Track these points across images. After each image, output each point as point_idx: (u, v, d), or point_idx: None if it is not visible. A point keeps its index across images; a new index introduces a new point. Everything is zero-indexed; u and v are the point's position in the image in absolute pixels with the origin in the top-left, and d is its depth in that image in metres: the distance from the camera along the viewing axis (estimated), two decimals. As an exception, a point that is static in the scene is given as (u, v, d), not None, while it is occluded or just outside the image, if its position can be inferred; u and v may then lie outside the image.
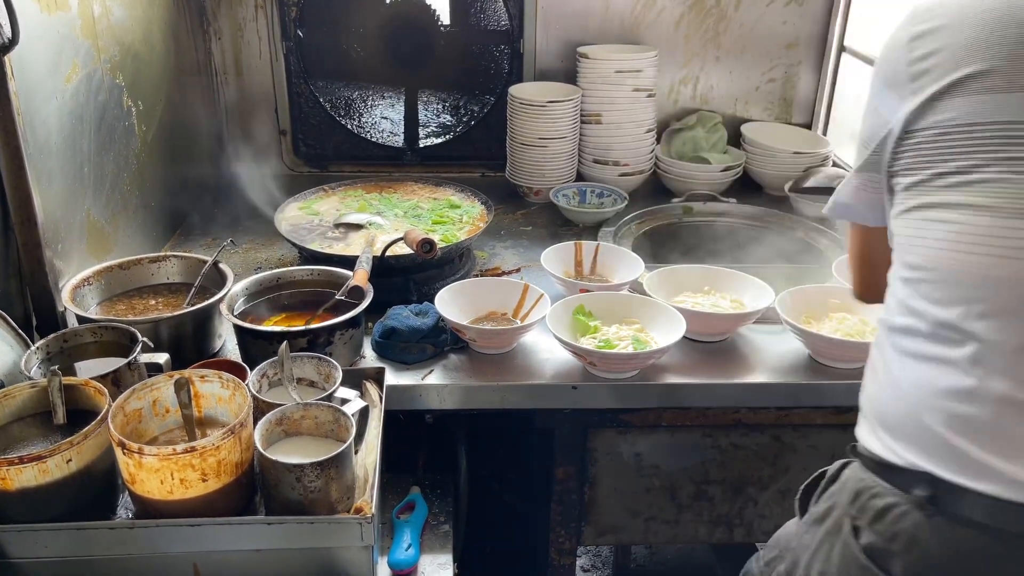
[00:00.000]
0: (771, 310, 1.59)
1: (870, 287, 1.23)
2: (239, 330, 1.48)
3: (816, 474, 1.18)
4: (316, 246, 1.81)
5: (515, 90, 2.27)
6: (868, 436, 1.05)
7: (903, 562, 0.96)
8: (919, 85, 0.99)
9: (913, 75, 1.00)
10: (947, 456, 0.94)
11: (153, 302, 1.59)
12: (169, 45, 2.06)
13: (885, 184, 1.07)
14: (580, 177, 2.36)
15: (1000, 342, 0.92)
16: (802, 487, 1.19)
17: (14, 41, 1.29)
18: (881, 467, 1.01)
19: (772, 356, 1.59)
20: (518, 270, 1.93)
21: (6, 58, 1.30)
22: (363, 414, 1.32)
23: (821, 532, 1.09)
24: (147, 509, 1.16)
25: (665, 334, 1.52)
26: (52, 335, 1.35)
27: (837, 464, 1.12)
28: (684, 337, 1.53)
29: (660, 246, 2.17)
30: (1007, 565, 0.93)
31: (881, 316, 1.08)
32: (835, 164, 2.35)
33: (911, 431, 0.98)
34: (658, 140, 2.41)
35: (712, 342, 1.62)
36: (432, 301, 1.59)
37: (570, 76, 2.35)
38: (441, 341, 1.56)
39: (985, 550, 0.93)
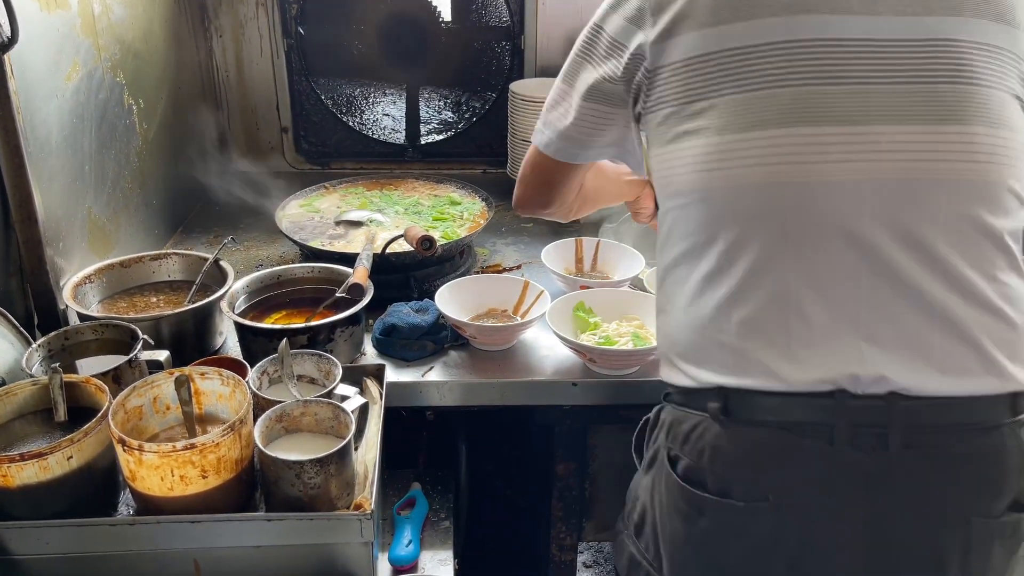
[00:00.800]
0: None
1: (543, 208, 1.42)
2: (240, 327, 1.48)
3: (640, 423, 1.25)
4: (317, 243, 1.82)
5: (516, 86, 2.26)
6: (669, 371, 1.13)
7: (712, 474, 1.04)
8: (660, 20, 1.08)
9: (653, 9, 1.09)
10: (732, 364, 1.03)
11: (154, 300, 1.59)
12: (170, 43, 2.06)
13: (628, 117, 1.16)
14: (581, 173, 2.35)
15: (755, 243, 1.01)
16: (633, 439, 1.26)
17: (13, 40, 1.29)
18: (684, 395, 1.09)
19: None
20: (519, 267, 1.93)
21: (6, 57, 1.30)
22: (363, 411, 1.32)
23: (652, 473, 1.16)
24: (148, 506, 1.16)
25: (665, 330, 1.52)
26: (53, 333, 1.36)
27: (655, 409, 1.20)
28: (684, 333, 1.52)
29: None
30: (798, 454, 1.01)
31: (657, 263, 1.16)
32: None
33: (701, 351, 1.06)
34: (659, 136, 2.41)
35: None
36: (432, 298, 1.59)
37: (571, 72, 2.34)
38: (441, 338, 1.57)
39: (777, 444, 1.01)
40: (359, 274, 1.55)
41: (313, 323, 1.46)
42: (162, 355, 1.35)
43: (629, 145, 1.23)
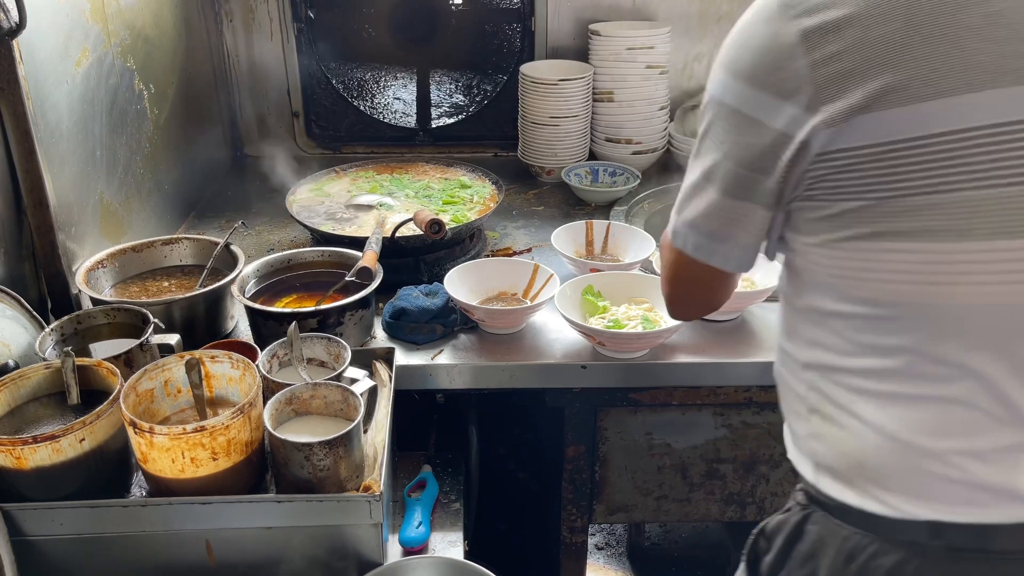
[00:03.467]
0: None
1: (709, 311, 1.18)
2: (250, 311, 1.49)
3: (756, 531, 1.07)
4: (327, 227, 1.82)
5: (526, 69, 2.25)
6: (841, 489, 0.94)
7: None
8: (831, 94, 0.83)
9: (821, 83, 0.83)
10: (954, 498, 0.87)
11: (166, 284, 1.61)
12: (180, 28, 2.06)
13: (772, 215, 0.93)
14: (592, 156, 2.34)
15: (992, 374, 0.85)
16: (745, 551, 1.08)
17: (21, 25, 1.30)
18: (870, 520, 0.92)
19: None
20: (529, 250, 1.93)
21: (15, 42, 1.31)
22: (372, 394, 1.32)
23: None
24: (160, 487, 1.18)
25: (675, 313, 1.52)
26: (66, 317, 1.37)
27: (791, 518, 1.01)
28: (694, 316, 1.52)
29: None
30: None
31: (808, 356, 0.97)
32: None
33: (908, 480, 0.89)
34: (671, 118, 2.39)
35: (723, 321, 1.61)
36: (442, 282, 1.60)
37: (582, 54, 2.33)
38: (451, 321, 1.57)
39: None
40: (368, 258, 1.56)
41: (323, 307, 1.47)
42: (173, 339, 1.36)
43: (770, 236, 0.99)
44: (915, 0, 0.80)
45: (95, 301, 1.46)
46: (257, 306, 1.48)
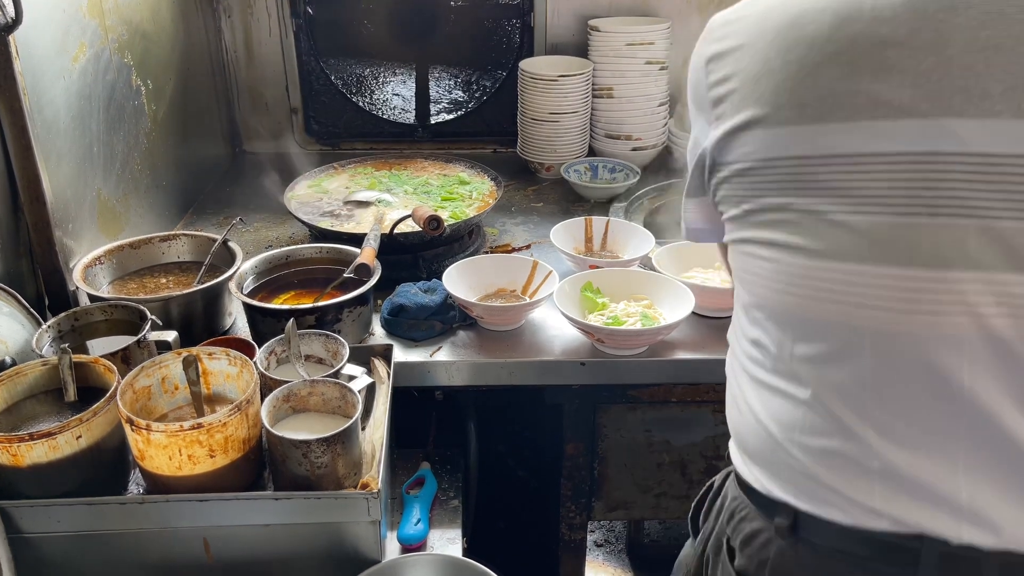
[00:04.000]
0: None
1: None
2: (248, 308, 1.49)
3: (703, 490, 1.15)
4: (325, 224, 1.82)
5: (526, 64, 2.25)
6: (736, 458, 1.02)
7: None
8: (719, 113, 0.93)
9: (713, 101, 0.94)
10: (805, 487, 0.92)
11: (164, 281, 1.60)
12: (178, 23, 2.06)
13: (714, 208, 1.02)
14: (592, 152, 2.34)
15: (831, 381, 0.88)
16: (693, 504, 1.17)
17: (17, 20, 1.29)
18: (749, 490, 0.99)
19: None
20: (528, 247, 1.92)
21: (11, 38, 1.30)
22: (370, 391, 1.32)
23: (708, 551, 1.08)
24: (157, 485, 1.17)
25: (674, 310, 1.51)
26: (63, 314, 1.36)
27: (721, 475, 1.10)
28: (694, 313, 1.51)
29: (673, 222, 2.15)
30: None
31: (730, 334, 1.04)
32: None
33: (771, 461, 0.95)
34: (671, 114, 2.38)
35: (723, 318, 1.61)
36: (441, 278, 1.59)
37: (582, 50, 2.32)
38: (449, 318, 1.56)
39: (847, 573, 0.91)
40: (367, 254, 1.55)
41: (321, 303, 1.47)
42: (170, 335, 1.35)
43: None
44: (782, 37, 0.87)
45: (92, 298, 1.45)
46: (255, 303, 1.47)
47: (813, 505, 0.91)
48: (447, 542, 1.39)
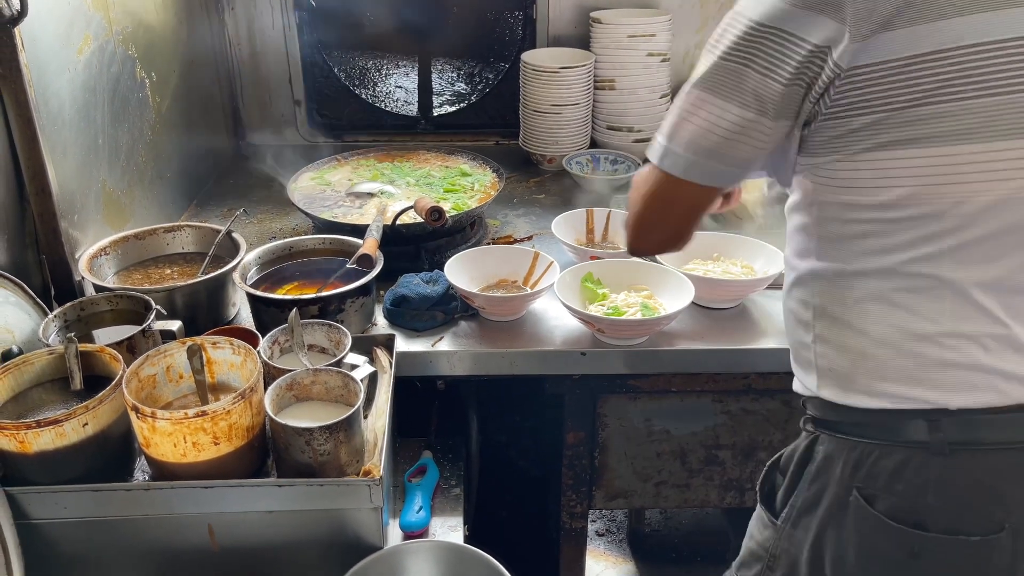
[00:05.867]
0: (782, 276, 1.58)
1: (674, 244, 1.18)
2: (252, 298, 1.50)
3: (769, 464, 1.16)
4: (328, 215, 1.83)
5: (528, 56, 2.25)
6: (843, 393, 1.03)
7: (935, 511, 0.96)
8: (861, 10, 0.90)
9: None
10: (950, 383, 0.95)
11: (168, 271, 1.62)
12: (182, 16, 2.07)
13: (788, 131, 1.00)
14: (594, 144, 2.34)
15: (980, 275, 0.95)
16: (759, 485, 1.17)
17: (23, 13, 1.30)
18: (872, 423, 1.00)
19: (783, 321, 1.58)
20: (530, 238, 1.93)
21: (16, 30, 1.31)
22: (372, 380, 1.34)
23: (817, 519, 1.05)
24: (162, 472, 1.19)
25: (674, 301, 1.52)
26: (69, 304, 1.38)
27: (800, 444, 1.09)
28: (694, 304, 1.52)
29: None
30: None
31: (817, 267, 1.05)
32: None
33: (906, 367, 0.97)
34: (673, 106, 2.38)
35: (723, 308, 1.62)
36: (443, 269, 1.60)
37: (584, 42, 2.32)
38: (451, 308, 1.58)
39: (1014, 466, 0.95)
40: (369, 245, 1.56)
41: (324, 294, 1.48)
42: (175, 325, 1.37)
43: (784, 154, 1.05)
44: None
45: (98, 288, 1.47)
46: (259, 293, 1.48)
47: (965, 395, 0.95)
48: (448, 530, 1.41)
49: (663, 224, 1.15)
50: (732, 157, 1.03)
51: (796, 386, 1.16)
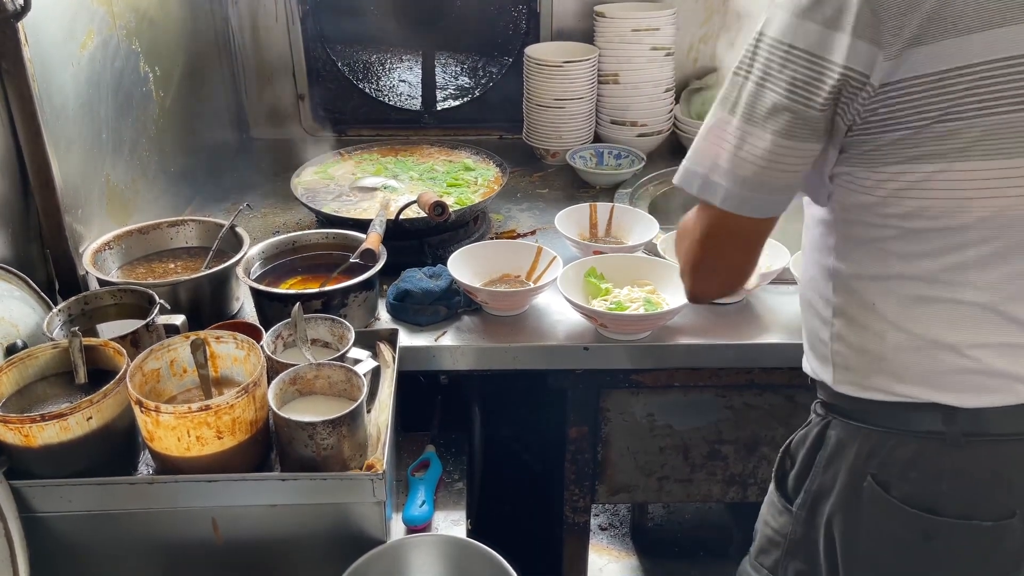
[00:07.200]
0: (786, 271, 1.58)
1: (737, 283, 1.15)
2: (255, 293, 1.50)
3: (782, 450, 1.17)
4: (332, 210, 1.83)
5: (531, 50, 2.25)
6: (860, 389, 1.04)
7: (950, 497, 0.99)
8: (890, 28, 0.89)
9: (881, 16, 0.88)
10: (965, 386, 0.97)
11: (172, 266, 1.62)
12: (185, 10, 2.06)
13: (823, 152, 0.99)
14: (597, 138, 2.34)
15: (1003, 285, 0.96)
16: (774, 472, 1.18)
17: (27, 7, 1.30)
18: (889, 414, 1.02)
19: (786, 316, 1.58)
20: (533, 233, 1.93)
21: (20, 25, 1.32)
22: (376, 374, 1.34)
23: (829, 505, 1.07)
24: (166, 465, 1.19)
25: (677, 296, 1.52)
26: (73, 298, 1.38)
27: (812, 429, 1.11)
28: (697, 298, 1.52)
29: (678, 207, 2.15)
30: None
31: (838, 266, 1.06)
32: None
33: (924, 373, 0.99)
34: (677, 100, 2.38)
35: (726, 303, 1.62)
36: (446, 264, 1.60)
37: (587, 35, 2.32)
38: (454, 303, 1.58)
39: (1016, 458, 0.98)
40: (372, 240, 1.56)
41: (327, 288, 1.48)
42: (178, 319, 1.37)
43: (820, 174, 1.05)
44: None
45: (102, 282, 1.47)
46: (262, 287, 1.49)
47: (981, 396, 0.97)
48: (451, 524, 1.41)
49: (724, 266, 1.12)
50: (774, 185, 1.00)
51: (807, 368, 1.17)
